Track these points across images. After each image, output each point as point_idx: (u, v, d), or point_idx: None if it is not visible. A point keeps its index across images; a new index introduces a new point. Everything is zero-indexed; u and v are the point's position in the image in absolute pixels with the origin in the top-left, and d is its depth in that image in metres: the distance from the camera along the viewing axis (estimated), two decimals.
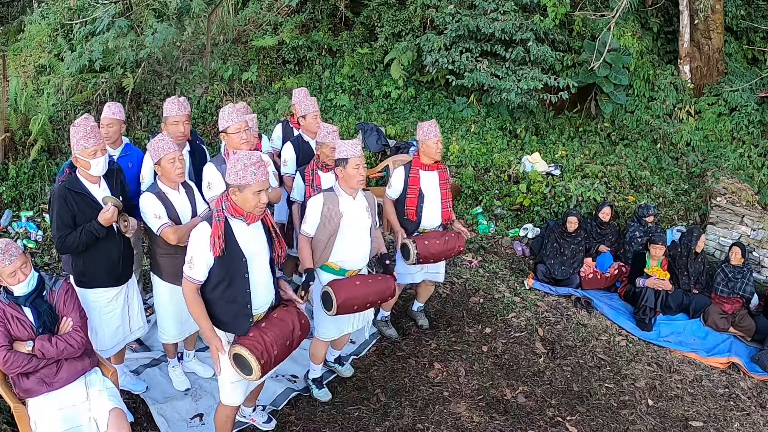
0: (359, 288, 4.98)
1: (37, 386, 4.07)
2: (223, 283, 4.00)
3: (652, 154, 9.90)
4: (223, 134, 5.20)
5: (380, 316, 6.56)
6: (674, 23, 11.34)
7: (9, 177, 8.53)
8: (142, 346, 6.15)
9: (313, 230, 4.97)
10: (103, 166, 4.57)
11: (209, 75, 10.75)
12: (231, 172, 3.91)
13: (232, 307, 4.05)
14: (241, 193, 3.91)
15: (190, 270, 3.96)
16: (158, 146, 4.73)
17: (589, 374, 6.18)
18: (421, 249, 5.77)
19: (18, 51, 12.22)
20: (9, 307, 4.02)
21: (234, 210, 3.96)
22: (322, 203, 4.92)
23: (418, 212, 5.96)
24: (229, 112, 5.18)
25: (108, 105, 5.74)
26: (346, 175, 4.91)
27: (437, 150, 5.89)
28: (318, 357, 5.47)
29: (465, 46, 10.09)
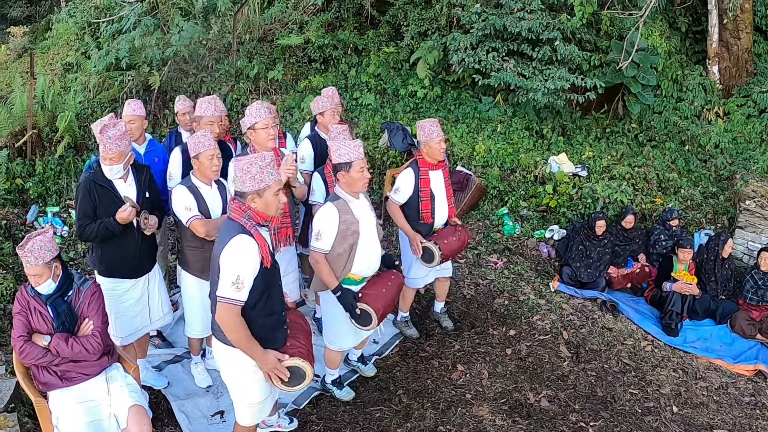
0: (388, 294, 4.97)
1: (55, 380, 4.14)
2: (264, 296, 3.78)
3: (680, 156, 9.79)
4: (251, 130, 5.24)
5: (399, 317, 6.57)
6: (702, 23, 11.18)
7: (36, 173, 8.67)
8: (165, 342, 6.23)
9: (329, 245, 4.77)
10: (116, 173, 4.69)
11: (235, 73, 10.80)
12: (246, 178, 3.69)
13: (269, 320, 3.88)
14: (261, 198, 3.72)
15: (239, 291, 3.64)
16: (199, 141, 4.84)
17: (613, 379, 6.14)
18: (444, 249, 5.77)
19: (46, 49, 12.39)
20: (33, 299, 4.10)
21: (259, 217, 3.75)
22: (337, 215, 4.73)
23: (433, 214, 5.93)
24: (257, 109, 5.23)
25: (128, 102, 5.91)
26: (349, 179, 4.75)
27: (441, 150, 5.81)
28: (336, 363, 5.48)
29: (491, 45, 10.02)
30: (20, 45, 13.78)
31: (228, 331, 3.71)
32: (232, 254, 3.62)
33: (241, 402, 4.12)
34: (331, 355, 5.41)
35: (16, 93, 9.41)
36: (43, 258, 3.98)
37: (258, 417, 4.22)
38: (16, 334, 4.04)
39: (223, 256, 3.64)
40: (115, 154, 4.59)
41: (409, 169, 5.91)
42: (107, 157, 4.59)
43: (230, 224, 3.73)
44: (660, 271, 7.46)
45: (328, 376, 5.59)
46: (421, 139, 5.84)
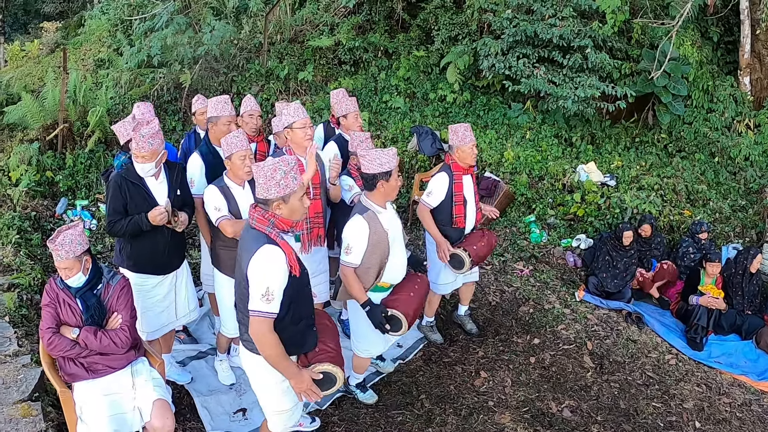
0: (415, 298, 4.94)
1: (81, 372, 4.18)
2: (293, 305, 3.69)
3: (710, 168, 9.71)
4: (288, 129, 5.24)
5: (425, 322, 6.57)
6: (735, 33, 11.07)
7: (66, 166, 8.80)
8: (190, 338, 6.28)
9: (360, 259, 4.67)
10: (147, 170, 4.72)
11: (265, 73, 10.87)
12: (270, 185, 3.55)
13: (299, 326, 3.79)
14: (287, 204, 3.59)
15: (269, 304, 3.52)
16: (232, 142, 4.87)
17: (636, 392, 6.10)
18: (473, 254, 5.75)
19: (78, 45, 12.55)
20: (62, 292, 4.15)
21: (284, 224, 3.62)
22: (368, 228, 4.62)
23: (466, 219, 5.92)
24: (295, 108, 5.24)
25: (137, 105, 5.83)
26: (389, 188, 4.64)
27: (473, 154, 5.79)
28: (363, 368, 5.49)
29: (522, 51, 10.00)
30: (53, 40, 13.97)
31: (262, 347, 3.61)
32: (260, 266, 3.52)
33: (270, 410, 4.07)
34: (359, 362, 5.41)
35: (49, 87, 9.54)
36: (74, 251, 4.02)
37: (288, 423, 4.17)
38: (45, 326, 4.08)
39: (251, 269, 3.54)
40: (147, 153, 4.62)
41: (443, 173, 5.84)
42: (140, 155, 4.62)
43: (254, 234, 3.61)
44: (687, 284, 7.40)
45: (353, 379, 5.60)
46: (453, 143, 5.79)
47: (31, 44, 14.01)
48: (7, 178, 8.20)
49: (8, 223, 7.28)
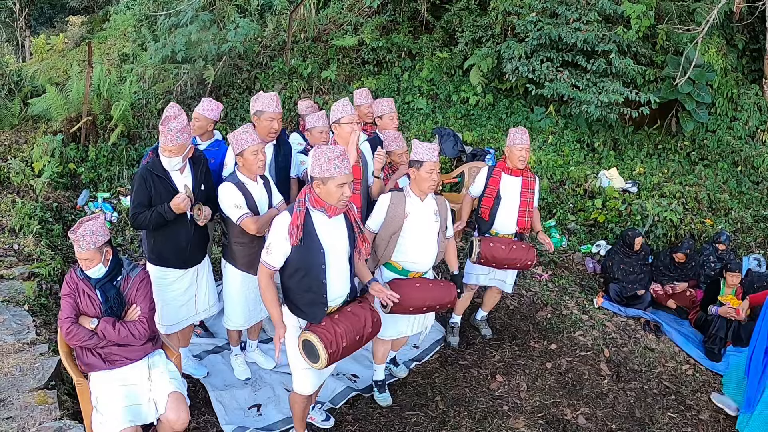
0: (418, 290, 4.93)
1: (98, 362, 4.19)
2: (299, 272, 4.09)
3: (732, 177, 9.62)
4: (336, 124, 5.35)
5: (451, 321, 6.60)
6: (760, 41, 10.96)
7: (89, 159, 8.86)
8: (207, 332, 6.29)
9: (377, 227, 4.99)
10: (174, 164, 4.74)
11: (289, 71, 10.90)
12: (315, 165, 3.98)
13: (307, 295, 4.13)
14: (324, 186, 3.98)
15: (267, 255, 4.08)
16: (242, 138, 4.84)
17: (653, 401, 6.05)
18: (485, 249, 5.83)
19: (103, 39, 12.65)
20: (82, 282, 4.16)
21: (316, 202, 4.04)
22: (389, 201, 4.93)
23: (492, 213, 6.01)
24: (343, 105, 5.33)
25: (204, 99, 5.89)
26: (418, 177, 4.89)
27: (520, 157, 5.90)
28: (378, 357, 5.49)
29: (546, 55, 9.97)
30: (78, 34, 14.09)
31: (259, 289, 4.20)
32: (273, 224, 4.11)
33: (295, 368, 4.38)
34: (376, 347, 5.43)
35: (73, 80, 9.61)
36: (95, 243, 4.04)
37: (313, 384, 4.43)
38: (64, 315, 4.09)
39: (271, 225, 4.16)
40: (175, 147, 4.63)
41: (485, 167, 6.23)
42: (167, 148, 4.63)
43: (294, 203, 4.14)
44: (706, 294, 7.32)
45: (375, 374, 5.65)
46: (507, 143, 6.03)
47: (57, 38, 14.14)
48: (30, 169, 8.25)
49: (30, 213, 7.34)
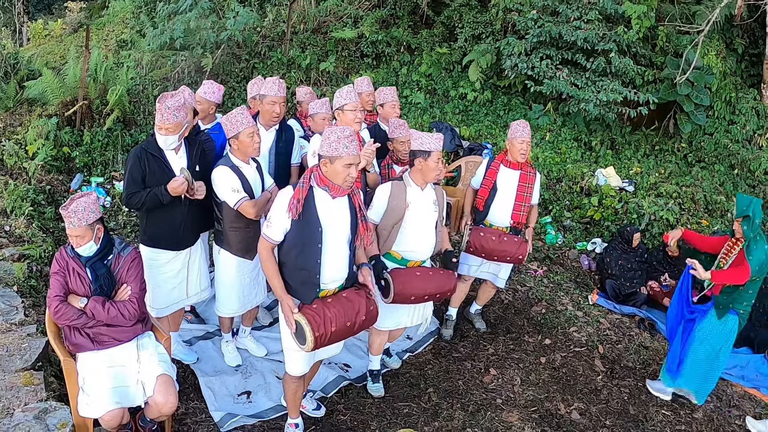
0: (419, 279, 4.90)
1: (87, 342, 4.13)
2: (295, 248, 4.09)
3: (729, 180, 9.62)
4: (339, 111, 5.29)
5: (447, 314, 6.56)
6: (760, 46, 11.00)
7: (83, 143, 8.79)
8: (198, 318, 6.23)
9: (378, 217, 4.94)
10: (170, 143, 4.67)
11: (287, 62, 10.87)
12: (324, 143, 4.01)
13: (300, 273, 4.12)
14: (332, 165, 4.01)
15: (268, 228, 4.10)
16: (237, 120, 4.77)
17: (647, 398, 6.00)
18: (474, 238, 5.84)
19: (101, 25, 12.61)
20: (72, 260, 4.10)
21: (321, 180, 4.07)
22: (389, 191, 4.90)
23: (486, 204, 6.01)
24: (347, 91, 5.29)
25: (205, 82, 5.83)
26: (426, 167, 4.88)
27: (520, 150, 5.91)
28: (374, 347, 5.45)
29: (546, 52, 9.96)
30: (76, 20, 14.04)
31: (260, 261, 4.20)
32: (277, 197, 4.16)
33: (288, 349, 4.36)
34: (372, 337, 5.40)
35: (70, 64, 9.53)
36: (86, 219, 3.97)
37: (302, 366, 4.40)
38: (52, 294, 4.03)
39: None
40: (171, 125, 4.56)
41: (486, 159, 6.26)
42: (163, 126, 4.56)
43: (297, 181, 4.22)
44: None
45: (370, 363, 5.59)
46: (508, 136, 6.03)
47: (55, 23, 14.08)
48: (24, 151, 8.18)
49: (23, 195, 7.26)
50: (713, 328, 5.69)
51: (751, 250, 5.38)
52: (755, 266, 5.35)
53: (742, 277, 5.37)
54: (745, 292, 5.54)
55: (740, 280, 5.40)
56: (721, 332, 5.68)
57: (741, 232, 5.47)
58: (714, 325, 5.69)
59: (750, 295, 5.58)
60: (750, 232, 5.40)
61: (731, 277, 5.43)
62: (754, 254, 5.36)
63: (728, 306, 5.60)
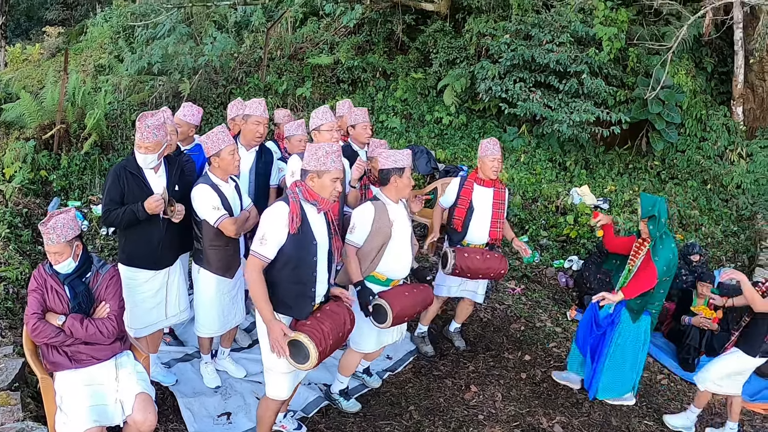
0: (409, 298, 4.93)
1: (64, 361, 4.08)
2: (291, 263, 4.05)
3: (702, 195, 9.77)
4: (315, 131, 5.41)
5: (418, 331, 6.52)
6: (728, 64, 11.26)
7: (61, 167, 8.75)
8: (176, 340, 6.17)
9: (362, 240, 4.88)
10: (149, 162, 4.68)
11: (264, 88, 10.94)
12: (312, 158, 4.06)
13: (296, 287, 4.11)
14: (319, 179, 4.05)
15: (261, 246, 3.99)
16: (218, 138, 4.81)
17: (628, 410, 6.03)
18: (459, 260, 5.76)
19: (79, 51, 12.61)
20: (51, 278, 4.07)
21: (309, 195, 4.08)
22: (373, 213, 4.85)
23: (465, 224, 5.98)
24: (323, 112, 5.41)
25: (184, 105, 5.88)
26: (401, 183, 4.88)
27: (493, 168, 5.90)
28: (350, 369, 5.40)
29: (519, 75, 10.10)
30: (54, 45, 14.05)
31: (249, 284, 4.04)
32: (266, 215, 4.05)
33: (270, 371, 4.27)
34: (348, 359, 5.34)
35: (48, 88, 9.53)
36: (65, 236, 3.96)
37: (289, 387, 4.35)
38: (30, 311, 3.98)
39: (261, 217, 4.11)
40: (151, 143, 4.58)
41: (457, 178, 6.20)
42: (143, 145, 4.58)
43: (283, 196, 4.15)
44: (678, 305, 7.37)
45: (336, 385, 5.51)
46: (478, 154, 6.03)
47: (33, 48, 14.08)
48: (1, 174, 8.13)
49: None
50: (629, 334, 5.70)
51: (657, 251, 5.39)
52: (662, 267, 5.36)
53: (650, 281, 5.38)
54: (657, 293, 5.54)
55: (650, 284, 5.39)
56: (637, 334, 5.70)
57: (647, 233, 5.46)
58: (630, 331, 5.68)
59: (661, 294, 5.58)
60: (656, 232, 5.40)
61: (640, 285, 5.42)
62: (660, 254, 5.37)
63: (642, 309, 5.61)
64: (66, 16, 19.53)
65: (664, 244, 5.43)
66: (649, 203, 5.42)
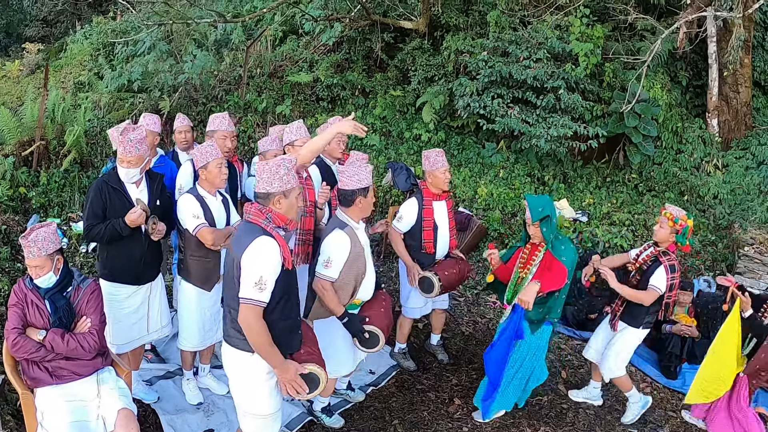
0: (386, 313, 4.91)
1: (45, 377, 4.06)
2: (283, 300, 3.77)
3: (679, 206, 9.85)
4: (289, 146, 5.41)
5: (397, 349, 6.52)
6: (703, 77, 11.42)
7: (40, 183, 8.74)
8: (158, 357, 6.16)
9: (338, 273, 4.59)
10: (131, 176, 4.71)
11: (243, 106, 10.97)
12: (274, 178, 3.72)
13: (286, 323, 3.85)
14: (287, 199, 3.76)
15: (261, 292, 3.61)
16: (206, 151, 4.91)
17: (612, 419, 6.06)
18: (444, 280, 5.71)
19: (59, 68, 12.62)
20: (31, 292, 4.05)
21: (280, 219, 3.75)
22: (349, 243, 4.57)
23: (435, 244, 5.91)
24: (297, 127, 5.45)
25: (144, 116, 6.04)
26: (366, 204, 4.62)
27: (446, 180, 5.81)
28: (329, 391, 5.38)
29: (497, 91, 10.19)
30: (33, 61, 14.01)
31: (251, 335, 3.67)
32: (256, 255, 3.60)
33: (248, 414, 4.01)
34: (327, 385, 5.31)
35: (27, 104, 9.53)
36: (46, 249, 3.96)
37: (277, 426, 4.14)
38: (10, 326, 3.97)
39: (246, 258, 3.61)
40: (133, 157, 4.61)
41: (413, 199, 5.88)
42: (125, 159, 4.61)
43: (250, 227, 3.71)
44: None
45: (317, 404, 5.48)
46: (426, 168, 5.83)
47: (12, 65, 14.02)
48: None
49: None
50: (530, 347, 5.47)
51: (559, 251, 5.17)
52: (570, 266, 5.15)
53: (562, 277, 5.13)
54: (559, 299, 5.32)
55: (561, 281, 5.14)
56: (538, 346, 5.48)
57: (540, 236, 5.22)
58: (531, 343, 5.45)
59: (562, 299, 5.35)
60: (549, 234, 5.17)
61: (552, 282, 5.16)
62: (565, 254, 5.16)
63: (543, 319, 5.36)
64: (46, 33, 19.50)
65: (564, 244, 5.24)
66: (538, 205, 5.17)
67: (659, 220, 5.44)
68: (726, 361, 5.50)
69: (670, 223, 5.32)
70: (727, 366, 5.51)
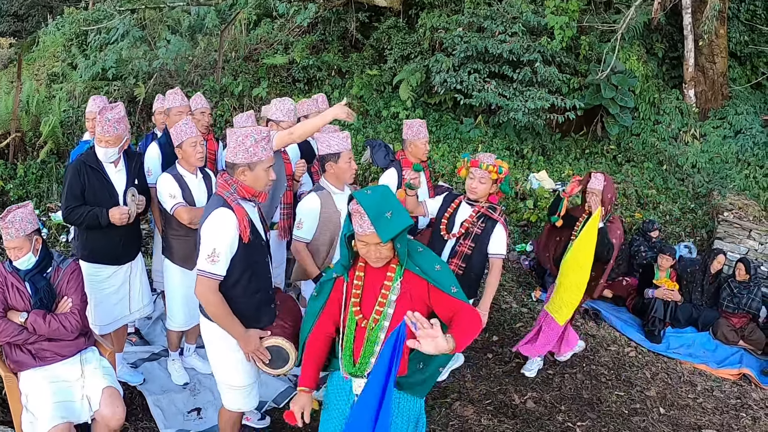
0: None
1: (28, 359, 4.02)
2: (247, 273, 3.65)
3: (658, 175, 9.94)
4: (273, 123, 5.36)
5: None
6: (679, 49, 11.50)
7: (17, 176, 8.66)
8: (142, 340, 6.12)
9: (311, 235, 4.62)
10: (110, 156, 4.64)
11: (220, 90, 10.90)
12: (239, 150, 3.56)
13: (255, 297, 3.75)
14: (252, 172, 3.60)
15: (214, 265, 3.51)
16: (182, 130, 4.87)
17: (598, 383, 6.10)
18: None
19: (32, 60, 12.47)
20: (11, 275, 4.01)
21: (246, 191, 3.62)
22: (319, 204, 4.59)
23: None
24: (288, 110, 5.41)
25: (93, 98, 5.94)
26: (338, 170, 4.61)
27: (425, 150, 5.72)
28: None
29: (473, 67, 10.18)
30: (6, 55, 13.87)
31: (207, 307, 3.64)
32: (210, 227, 3.53)
33: (223, 384, 3.99)
34: None
35: (1, 97, 9.41)
36: (24, 230, 3.91)
37: (245, 403, 4.06)
38: None
39: (202, 230, 3.57)
40: (112, 137, 4.55)
41: (391, 169, 5.78)
42: (103, 139, 4.55)
43: (214, 198, 3.66)
44: (641, 280, 7.49)
45: None
46: (406, 137, 5.73)
47: None
48: None
49: None
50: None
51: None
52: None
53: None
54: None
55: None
56: None
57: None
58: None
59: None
60: (404, 249, 3.17)
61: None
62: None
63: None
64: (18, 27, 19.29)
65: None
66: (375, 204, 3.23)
67: (470, 175, 4.95)
68: (583, 263, 5.41)
69: (493, 176, 4.86)
70: (584, 269, 5.42)
